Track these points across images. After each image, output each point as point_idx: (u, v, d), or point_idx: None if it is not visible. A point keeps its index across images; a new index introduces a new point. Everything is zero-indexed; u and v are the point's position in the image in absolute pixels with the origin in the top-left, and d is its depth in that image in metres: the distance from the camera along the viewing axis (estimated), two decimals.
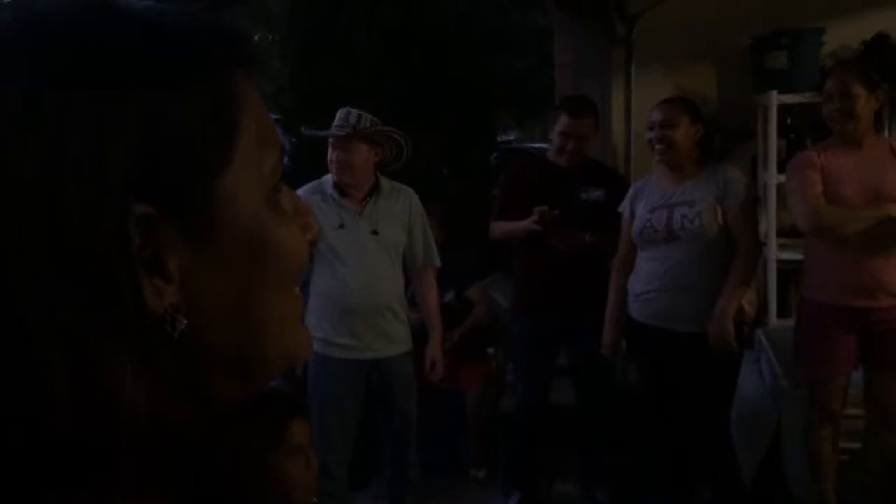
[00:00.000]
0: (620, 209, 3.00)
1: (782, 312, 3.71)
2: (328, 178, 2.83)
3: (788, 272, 3.64)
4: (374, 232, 2.81)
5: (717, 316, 2.72)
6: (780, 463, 3.09)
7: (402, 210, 2.90)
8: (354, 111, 2.81)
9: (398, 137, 2.84)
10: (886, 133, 3.35)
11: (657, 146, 2.83)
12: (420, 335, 2.98)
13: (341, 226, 2.78)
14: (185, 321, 0.40)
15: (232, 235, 0.42)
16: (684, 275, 2.78)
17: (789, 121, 3.72)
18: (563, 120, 3.17)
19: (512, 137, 8.01)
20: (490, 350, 3.75)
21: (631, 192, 3.00)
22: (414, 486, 3.02)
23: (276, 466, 1.52)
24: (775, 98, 3.60)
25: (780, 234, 3.71)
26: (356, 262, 2.77)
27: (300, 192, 2.79)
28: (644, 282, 2.87)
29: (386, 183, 2.88)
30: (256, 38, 7.01)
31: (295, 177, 3.22)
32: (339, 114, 2.82)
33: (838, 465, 2.80)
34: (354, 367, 2.80)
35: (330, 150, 2.81)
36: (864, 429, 2.81)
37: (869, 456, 2.80)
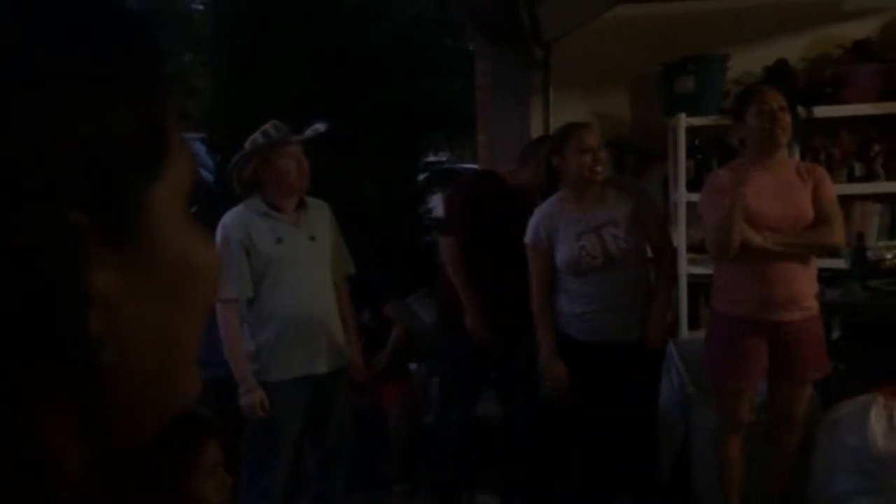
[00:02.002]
0: (529, 240, 2.95)
1: (692, 325, 3.88)
2: (254, 199, 2.82)
3: (698, 286, 3.80)
4: (312, 238, 2.84)
5: (653, 319, 2.85)
6: (687, 468, 3.22)
7: (326, 219, 2.95)
8: (281, 124, 2.85)
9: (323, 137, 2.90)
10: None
11: (598, 168, 2.83)
12: None
13: (279, 240, 2.79)
14: (111, 350, 0.36)
15: (162, 256, 0.39)
16: (625, 291, 2.85)
17: (697, 142, 3.91)
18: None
19: (444, 159, 8.13)
20: (412, 366, 3.79)
21: (538, 220, 2.94)
22: (339, 503, 3.04)
23: (191, 490, 1.52)
24: (683, 121, 3.78)
25: (689, 249, 3.87)
26: (299, 271, 2.78)
27: (231, 215, 2.80)
28: (582, 303, 2.88)
29: (306, 198, 2.92)
30: (185, 58, 6.94)
31: (224, 197, 3.21)
32: (274, 125, 2.82)
33: (743, 470, 2.93)
34: (299, 384, 2.78)
35: (284, 160, 2.78)
36: (767, 435, 2.95)
37: (771, 460, 2.94)
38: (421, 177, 6.16)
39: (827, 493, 2.81)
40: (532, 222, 2.96)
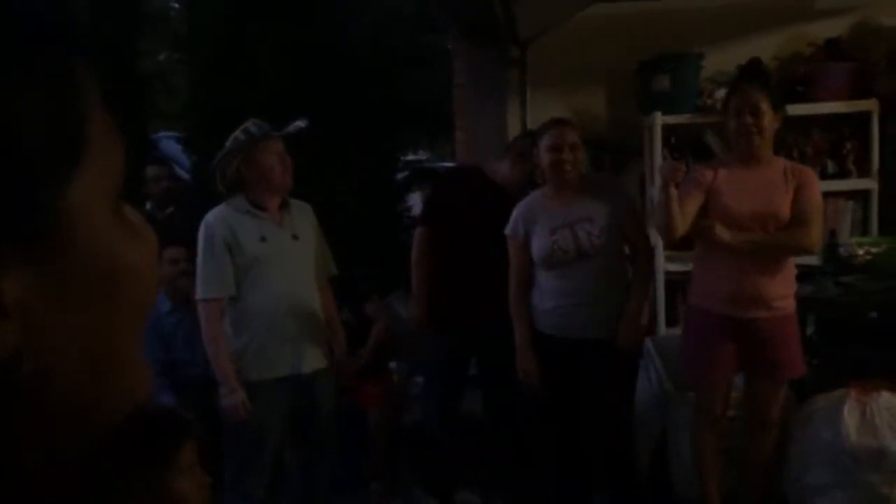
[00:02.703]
0: (510, 232, 2.99)
1: (670, 322, 3.91)
2: (238, 198, 2.81)
3: (676, 283, 3.83)
4: (295, 237, 2.83)
5: (626, 318, 2.86)
6: (666, 464, 3.25)
7: (309, 220, 2.95)
8: (261, 122, 2.84)
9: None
10: None
11: (568, 166, 2.86)
12: None
13: (263, 238, 2.77)
14: (29, 365, 0.34)
15: (82, 258, 0.36)
16: (594, 288, 2.87)
17: (672, 140, 3.94)
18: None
19: (423, 157, 8.14)
20: (392, 365, 3.80)
21: (520, 213, 2.99)
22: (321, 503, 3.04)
23: (169, 489, 1.52)
24: (659, 118, 3.81)
25: (667, 246, 3.91)
26: (282, 270, 2.77)
27: (214, 213, 2.78)
28: (555, 297, 2.91)
29: (289, 198, 2.91)
30: (161, 57, 6.89)
31: (205, 196, 3.19)
32: (255, 123, 2.81)
33: (721, 464, 2.96)
34: (282, 384, 2.77)
35: (267, 156, 2.77)
36: (744, 430, 2.98)
37: (748, 455, 2.97)
38: (400, 175, 6.16)
39: (802, 486, 2.85)
40: (514, 214, 3.01)
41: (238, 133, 2.80)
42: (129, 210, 0.41)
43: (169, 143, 5.69)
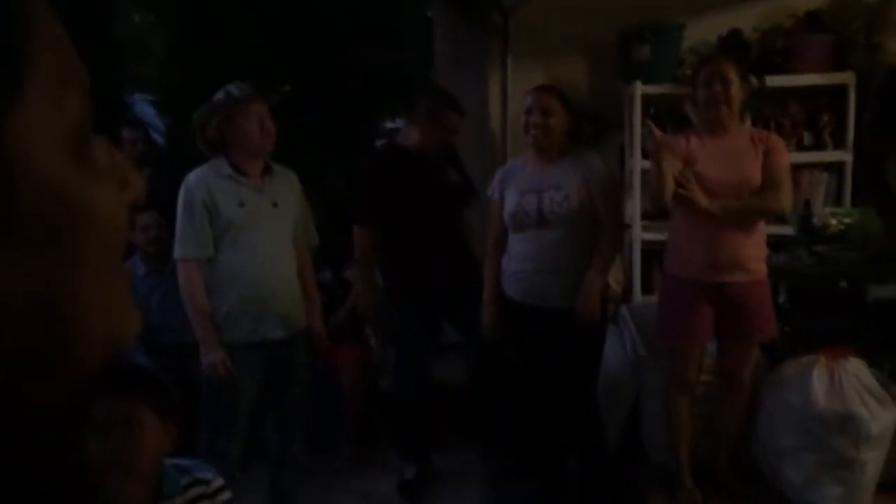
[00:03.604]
0: (489, 192, 3.11)
1: (646, 290, 3.96)
2: (220, 160, 2.79)
3: (652, 252, 3.88)
4: (275, 204, 2.82)
5: (584, 292, 2.88)
6: (639, 430, 3.31)
7: (292, 188, 2.94)
8: (244, 84, 2.81)
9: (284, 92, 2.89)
10: None
11: (533, 131, 2.92)
12: None
13: (242, 204, 2.76)
14: None
15: (26, 196, 0.34)
16: (555, 255, 2.91)
17: (652, 111, 3.95)
18: (451, 117, 3.27)
19: (400, 126, 8.08)
20: (368, 331, 3.82)
21: (499, 175, 3.10)
22: (296, 467, 3.06)
23: (133, 439, 1.51)
24: (639, 88, 3.82)
25: (644, 216, 3.94)
26: (259, 236, 2.76)
27: (194, 174, 2.76)
28: (518, 261, 2.99)
29: (273, 164, 2.90)
30: (136, 18, 6.76)
31: (179, 160, 3.16)
32: (237, 85, 2.78)
33: (693, 429, 3.02)
34: (256, 347, 2.78)
35: (247, 118, 2.75)
36: (715, 394, 3.04)
37: (718, 419, 3.04)
38: (380, 143, 6.13)
39: (771, 450, 2.92)
40: (495, 176, 3.12)
41: (220, 93, 2.77)
42: (104, 151, 0.39)
43: (144, 107, 5.62)
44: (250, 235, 2.76)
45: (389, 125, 7.31)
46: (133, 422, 1.54)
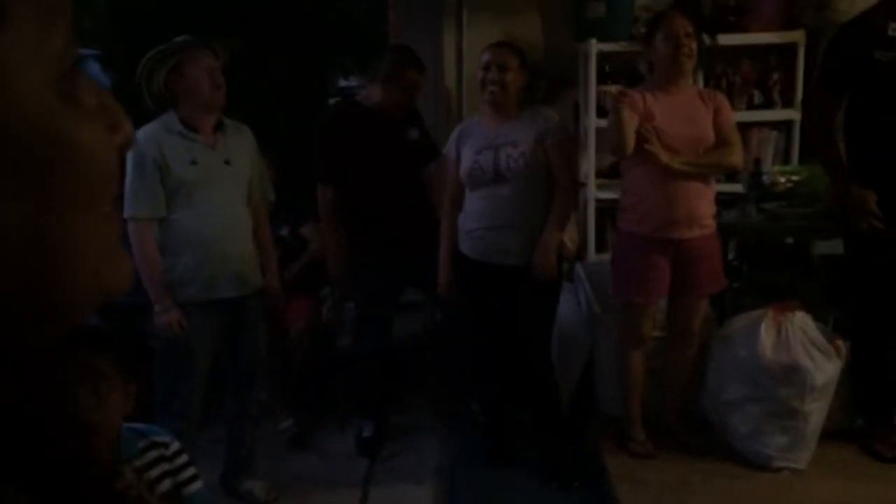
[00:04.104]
0: (446, 151, 3.10)
1: (600, 248, 4.01)
2: (170, 116, 2.71)
3: (606, 210, 3.92)
4: (227, 162, 2.76)
5: (540, 248, 2.91)
6: (592, 384, 3.39)
7: (246, 144, 2.88)
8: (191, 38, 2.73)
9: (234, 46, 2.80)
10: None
11: (490, 87, 2.90)
12: None
13: (193, 161, 2.70)
14: None
15: (10, 126, 0.33)
16: (511, 212, 2.92)
17: (607, 68, 3.96)
18: (412, 75, 3.24)
19: (355, 84, 7.94)
20: (325, 290, 3.80)
21: (455, 133, 3.09)
22: (254, 426, 3.06)
23: (80, 419, 1.49)
24: (594, 46, 3.82)
25: (598, 174, 3.97)
26: (212, 194, 2.71)
27: (144, 131, 2.67)
28: (473, 219, 3.00)
29: (225, 119, 2.83)
30: None
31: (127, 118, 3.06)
32: (184, 39, 2.69)
33: (645, 382, 3.10)
34: (212, 305, 2.75)
35: (195, 70, 2.65)
36: (666, 348, 3.12)
37: (668, 372, 3.12)
38: (332, 101, 6.03)
39: (719, 402, 3.01)
40: (452, 134, 3.11)
41: (163, 46, 2.68)
42: (92, 91, 0.38)
43: (89, 63, 5.43)
44: (204, 194, 2.70)
45: (343, 83, 7.20)
46: (100, 380, 1.53)
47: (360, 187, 3.27)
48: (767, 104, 4.02)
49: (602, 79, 3.96)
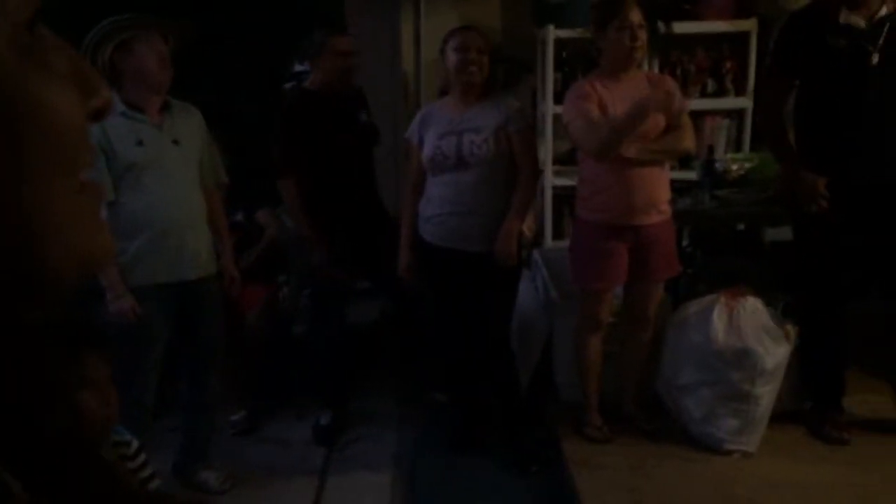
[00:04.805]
0: (408, 136, 3.07)
1: (557, 235, 4.04)
2: (112, 97, 2.63)
3: (563, 197, 3.94)
4: (175, 142, 2.70)
5: (503, 235, 2.91)
6: (550, 370, 3.42)
7: (195, 125, 2.82)
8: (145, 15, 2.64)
9: (188, 28, 2.72)
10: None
11: (471, 68, 2.87)
12: None
13: (140, 142, 2.63)
14: None
15: None
16: (473, 198, 2.91)
17: (564, 55, 3.97)
18: (339, 41, 3.19)
19: (308, 68, 7.83)
20: (282, 277, 3.76)
21: (417, 118, 3.07)
22: (210, 415, 3.02)
23: (72, 401, 1.47)
24: (552, 32, 3.82)
25: (555, 161, 3.99)
26: (161, 175, 2.64)
27: None
28: (435, 205, 2.98)
29: (172, 100, 2.76)
30: None
31: None
32: (135, 14, 2.62)
33: (602, 368, 3.13)
34: (165, 291, 2.70)
35: (143, 47, 2.58)
36: (622, 333, 3.15)
37: (624, 357, 3.16)
38: (288, 85, 5.95)
39: (674, 386, 3.06)
40: (415, 118, 3.08)
41: (113, 18, 2.59)
42: (64, 54, 0.37)
43: None
44: (153, 176, 2.64)
45: (298, 68, 7.11)
46: (91, 372, 1.51)
47: (315, 173, 3.23)
48: (720, 92, 4.07)
49: (559, 65, 3.97)
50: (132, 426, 1.90)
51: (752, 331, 2.88)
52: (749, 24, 3.93)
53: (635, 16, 2.79)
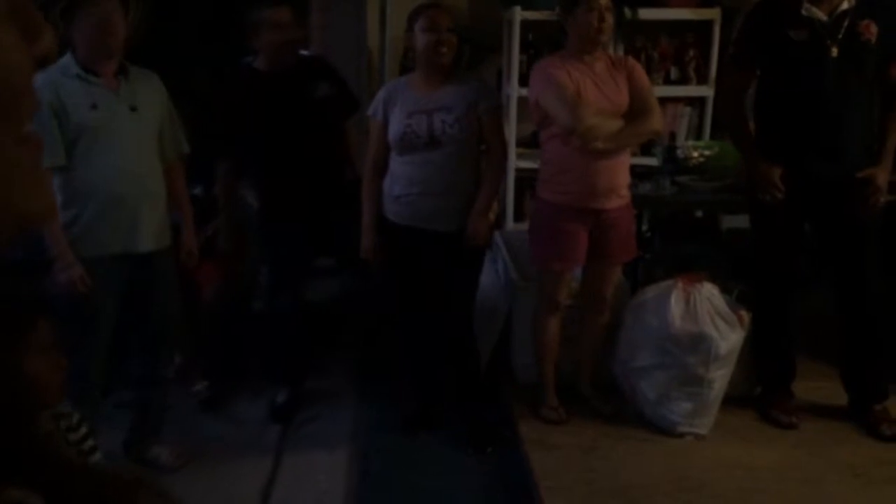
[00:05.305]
0: (371, 112, 3.02)
1: (518, 217, 4.05)
2: (68, 58, 2.55)
3: (525, 180, 3.95)
4: (133, 108, 2.62)
5: (475, 215, 2.91)
6: (507, 351, 3.43)
7: (155, 91, 2.74)
8: None
9: None
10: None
11: (443, 49, 2.83)
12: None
13: (94, 106, 2.55)
14: None
15: None
16: (443, 178, 2.89)
17: (530, 37, 3.96)
18: (272, 14, 3.09)
19: None
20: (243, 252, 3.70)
21: (382, 95, 3.00)
22: (163, 390, 2.97)
23: (19, 367, 1.44)
24: (518, 14, 3.81)
25: (519, 144, 3.99)
26: (116, 142, 2.57)
27: (40, 75, 2.47)
28: (403, 185, 2.93)
29: (129, 65, 2.69)
30: None
31: None
32: None
33: (559, 350, 3.15)
34: (116, 262, 2.63)
35: (87, 18, 2.50)
36: (580, 315, 3.18)
37: (582, 339, 3.18)
38: (247, 59, 5.85)
39: (629, 368, 3.09)
40: (377, 96, 3.02)
41: None
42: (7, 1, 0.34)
43: None
44: (107, 142, 2.56)
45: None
46: (39, 344, 1.49)
47: (266, 150, 3.18)
48: (683, 80, 4.11)
49: (525, 47, 3.96)
50: (76, 399, 1.86)
51: (707, 316, 2.93)
52: (712, 14, 3.97)
53: None
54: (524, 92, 3.49)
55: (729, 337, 2.92)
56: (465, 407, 3.16)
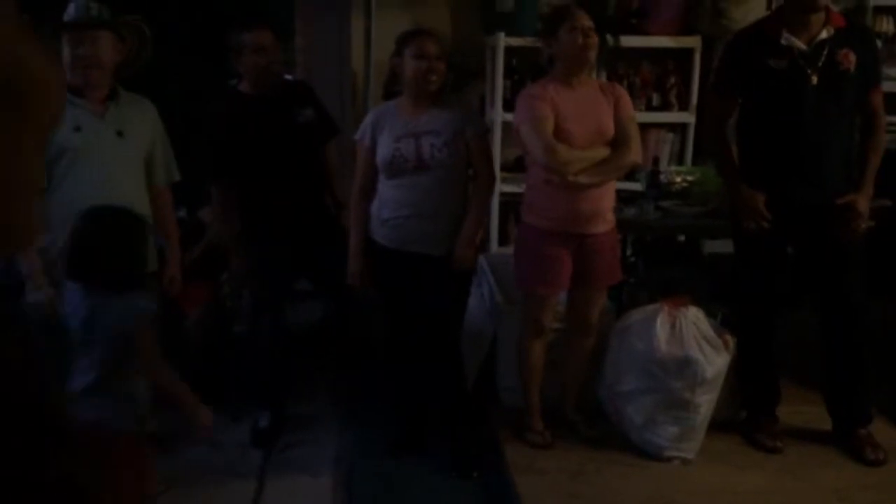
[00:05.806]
0: (358, 136, 3.01)
1: (503, 241, 4.05)
2: None
3: (509, 204, 3.96)
4: (119, 133, 2.60)
5: (463, 238, 2.91)
6: (493, 375, 3.42)
7: (146, 118, 2.72)
8: (91, 1, 2.55)
9: (143, 28, 2.64)
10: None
11: (433, 77, 2.83)
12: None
13: (77, 128, 2.52)
14: None
15: None
16: (432, 202, 2.89)
17: (514, 62, 4.00)
18: (249, 38, 3.09)
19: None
20: (224, 275, 3.68)
21: (370, 119, 3.00)
22: (141, 411, 2.91)
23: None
24: (502, 40, 3.85)
25: (503, 168, 4.01)
26: (99, 166, 2.54)
27: None
28: (392, 208, 2.92)
29: (122, 90, 2.67)
30: None
31: None
32: (74, 5, 2.54)
33: (545, 374, 3.14)
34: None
35: (68, 48, 2.51)
36: (565, 339, 3.18)
37: (567, 363, 3.18)
38: (233, 82, 5.84)
39: (616, 392, 3.09)
40: (365, 120, 3.02)
41: (74, 19, 2.52)
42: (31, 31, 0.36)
43: None
44: (89, 165, 2.54)
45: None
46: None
47: (250, 175, 3.17)
48: (664, 106, 4.17)
49: (509, 73, 4.00)
50: None
51: (693, 340, 2.94)
52: (693, 42, 4.04)
53: (584, 19, 2.82)
54: (508, 117, 3.51)
55: (715, 361, 2.93)
56: (451, 431, 3.14)
